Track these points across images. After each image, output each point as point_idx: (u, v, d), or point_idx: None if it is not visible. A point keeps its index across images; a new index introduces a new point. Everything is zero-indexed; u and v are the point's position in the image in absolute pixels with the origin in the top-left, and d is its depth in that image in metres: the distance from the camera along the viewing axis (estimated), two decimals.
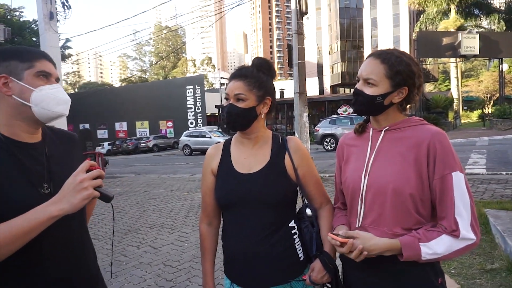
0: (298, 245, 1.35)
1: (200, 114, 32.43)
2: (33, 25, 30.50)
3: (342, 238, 1.12)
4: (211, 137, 21.88)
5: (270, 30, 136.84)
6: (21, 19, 32.96)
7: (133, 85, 51.25)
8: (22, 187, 1.03)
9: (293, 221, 1.37)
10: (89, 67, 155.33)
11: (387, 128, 1.26)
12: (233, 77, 1.36)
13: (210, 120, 35.25)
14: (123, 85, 66.95)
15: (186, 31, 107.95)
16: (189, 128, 28.62)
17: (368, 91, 1.22)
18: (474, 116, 40.56)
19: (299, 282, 1.36)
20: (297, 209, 1.44)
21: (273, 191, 1.33)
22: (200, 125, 31.07)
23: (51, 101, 1.08)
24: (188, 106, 32.65)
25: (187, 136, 22.83)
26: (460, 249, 1.11)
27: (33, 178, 1.07)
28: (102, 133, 36.12)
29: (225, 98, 1.39)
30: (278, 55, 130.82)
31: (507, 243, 3.31)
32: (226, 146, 1.47)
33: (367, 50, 49.41)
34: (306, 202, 1.42)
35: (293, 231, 1.36)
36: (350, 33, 51.24)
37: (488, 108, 28.95)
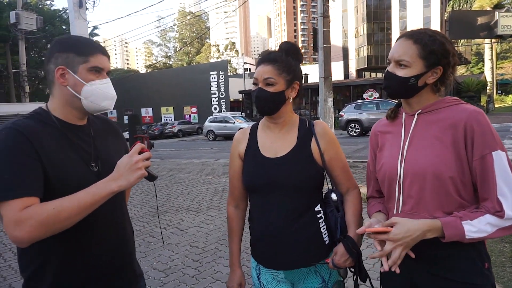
0: (323, 229, 1.37)
1: (224, 100, 32.54)
2: (63, 14, 31.34)
3: (381, 228, 1.09)
4: (234, 122, 22.01)
5: (294, 13, 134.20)
6: (51, 8, 33.85)
7: (158, 71, 51.94)
8: (76, 163, 1.15)
9: (319, 205, 1.38)
10: (115, 54, 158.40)
11: (420, 111, 1.22)
12: (262, 61, 1.37)
13: (233, 106, 35.34)
14: (148, 71, 68.00)
15: (210, 17, 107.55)
16: (213, 114, 28.85)
17: (401, 73, 1.18)
18: (509, 100, 38.58)
19: (323, 265, 1.37)
20: (324, 193, 1.45)
21: (299, 175, 1.34)
22: (223, 111, 31.22)
23: (100, 96, 1.18)
24: (212, 91, 32.81)
25: (211, 122, 23.05)
26: (506, 228, 1.08)
27: (83, 157, 1.18)
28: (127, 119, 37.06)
29: (253, 83, 1.40)
30: (303, 39, 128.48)
31: None
32: (253, 130, 1.49)
33: (395, 33, 47.66)
34: (332, 187, 1.43)
35: (318, 215, 1.37)
36: (377, 15, 49.50)
37: None
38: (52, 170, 1.07)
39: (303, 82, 1.44)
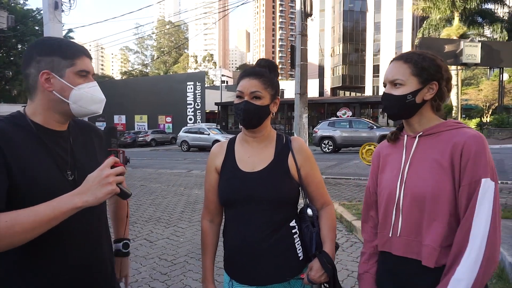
0: (298, 244, 1.37)
1: (200, 111, 32.40)
2: (36, 14, 30.40)
3: None
4: (209, 134, 21.91)
5: (273, 29, 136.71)
6: (24, 7, 32.79)
7: (134, 79, 51.17)
8: (49, 170, 1.07)
9: (294, 220, 1.39)
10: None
11: (421, 133, 1.22)
12: (247, 75, 1.36)
13: (209, 117, 35.20)
14: (123, 78, 66.76)
15: (189, 27, 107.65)
16: (188, 124, 28.58)
17: (397, 92, 1.20)
18: (472, 124, 40.71)
19: (297, 281, 1.37)
20: (298, 209, 1.46)
21: (276, 190, 1.34)
22: (199, 122, 31.05)
23: (88, 100, 1.13)
24: (188, 102, 32.61)
25: (185, 132, 22.83)
26: (482, 268, 1.03)
27: (59, 163, 1.11)
28: (100, 125, 35.82)
29: (237, 96, 1.38)
30: (280, 55, 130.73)
31: (500, 250, 3.35)
32: (231, 144, 1.48)
33: (369, 54, 49.49)
34: (308, 202, 1.44)
35: (293, 231, 1.37)
36: (353, 36, 51.32)
37: (487, 117, 29.01)
38: (21, 175, 1.00)
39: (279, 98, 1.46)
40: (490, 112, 29.26)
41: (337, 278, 1.34)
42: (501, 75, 26.35)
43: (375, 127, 17.25)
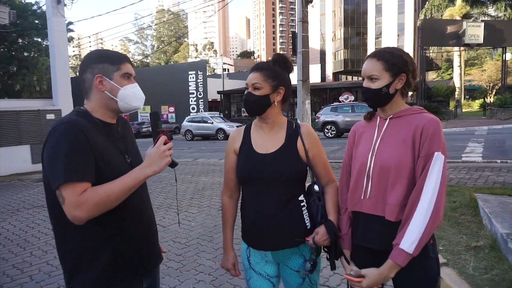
0: (306, 215, 1.59)
1: (202, 100, 32.48)
2: (35, 7, 30.32)
3: (355, 277, 1.39)
4: (213, 122, 22.07)
5: (273, 15, 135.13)
6: (24, 1, 32.63)
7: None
8: (116, 156, 1.35)
9: (302, 195, 1.60)
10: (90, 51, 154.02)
11: (391, 116, 1.48)
12: (252, 70, 1.60)
13: (211, 106, 35.32)
14: None
15: (189, 16, 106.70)
16: (191, 114, 28.74)
17: (374, 85, 1.44)
18: (475, 105, 40.52)
19: (306, 246, 1.59)
20: (307, 186, 1.66)
21: (287, 169, 1.55)
22: (201, 111, 31.15)
23: (132, 98, 1.39)
24: (190, 91, 32.69)
25: (189, 122, 23.00)
26: (430, 220, 1.30)
27: (120, 150, 1.39)
28: None
29: (245, 88, 1.62)
30: (281, 41, 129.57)
31: (492, 223, 3.57)
32: (247, 129, 1.70)
33: (371, 37, 48.99)
34: (315, 180, 1.65)
35: (302, 204, 1.59)
36: (354, 20, 50.76)
37: (490, 97, 28.93)
38: (100, 160, 1.25)
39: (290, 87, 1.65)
40: (493, 93, 29.13)
41: (338, 244, 1.55)
42: (504, 55, 26.15)
43: None
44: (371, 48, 49.10)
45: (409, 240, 1.30)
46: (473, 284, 2.74)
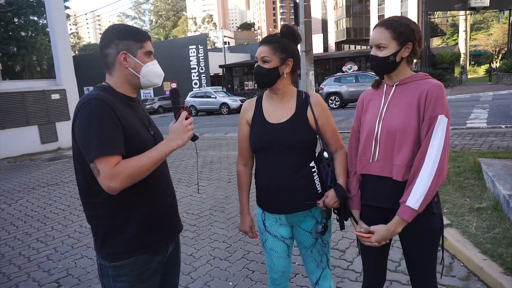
0: (317, 180, 1.68)
1: (204, 75, 32.17)
2: None
3: (365, 233, 1.52)
4: (216, 97, 22.01)
5: None
6: None
7: None
8: (142, 128, 1.43)
9: (313, 161, 1.70)
10: (87, 28, 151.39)
11: (397, 83, 1.55)
12: (261, 43, 1.66)
13: (214, 80, 35.03)
14: None
15: None
16: (194, 89, 28.59)
17: (382, 53, 1.50)
18: (481, 71, 39.83)
19: (317, 209, 1.70)
20: (317, 153, 1.75)
21: (298, 137, 1.64)
22: (204, 86, 30.95)
23: (153, 75, 1.45)
24: (192, 66, 32.34)
25: (192, 97, 22.92)
26: (434, 177, 1.39)
27: (144, 122, 1.47)
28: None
29: (255, 61, 1.68)
30: (281, 11, 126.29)
31: (495, 185, 3.68)
32: (259, 100, 1.77)
33: (373, 4, 47.59)
34: (324, 147, 1.74)
35: (313, 170, 1.68)
36: None
37: (496, 62, 28.41)
38: (129, 132, 1.33)
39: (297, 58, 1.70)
40: (499, 58, 28.56)
41: (347, 206, 1.66)
42: (510, 17, 25.45)
43: None
44: (374, 16, 47.83)
45: (415, 198, 1.41)
46: (476, 243, 2.88)
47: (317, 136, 1.71)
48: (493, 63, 28.47)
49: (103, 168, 1.23)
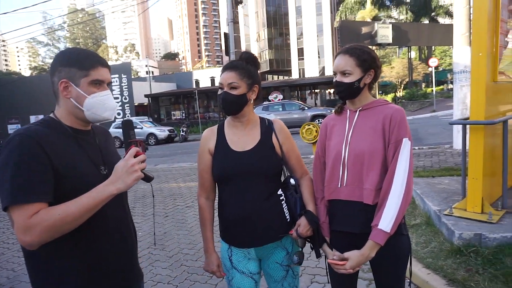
0: (285, 208, 1.62)
1: (128, 104, 30.78)
2: None
3: (339, 260, 1.47)
4: (142, 127, 21.14)
5: (196, 16, 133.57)
6: None
7: (41, 76, 46.57)
8: (89, 167, 1.21)
9: (280, 189, 1.64)
10: None
11: (360, 108, 1.59)
12: (225, 69, 1.59)
13: (138, 110, 33.69)
14: (34, 74, 60.50)
15: (106, 16, 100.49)
16: (117, 120, 27.13)
17: (347, 79, 1.54)
18: (388, 99, 44.78)
19: (287, 239, 1.63)
20: (283, 180, 1.70)
21: (265, 165, 1.58)
22: (128, 116, 29.58)
23: (101, 107, 1.24)
24: (115, 96, 30.62)
25: (116, 128, 21.65)
26: (403, 199, 1.43)
27: (94, 160, 1.24)
28: (14, 128, 32.40)
29: (219, 87, 1.60)
30: (205, 42, 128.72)
31: (425, 202, 4.00)
32: (220, 129, 1.68)
33: (293, 38, 51.17)
34: (289, 174, 1.69)
35: (281, 198, 1.62)
36: (276, 21, 52.54)
37: (400, 91, 32.17)
38: (65, 173, 1.11)
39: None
40: (402, 87, 32.41)
41: (320, 232, 1.61)
42: (409, 53, 29.29)
43: (306, 108, 18.21)
44: (294, 48, 51.34)
45: (386, 220, 1.42)
46: (418, 257, 3.05)
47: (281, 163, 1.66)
48: (397, 92, 32.14)
49: (16, 218, 1.03)
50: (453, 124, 5.19)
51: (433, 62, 21.40)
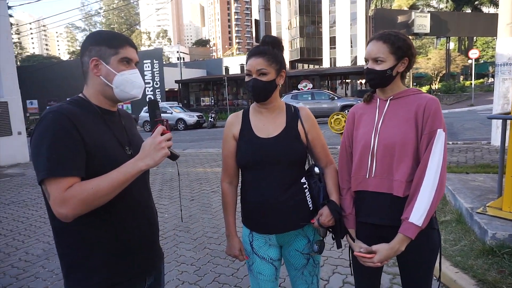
0: (308, 197, 1.59)
1: (159, 90, 31.40)
2: None
3: (366, 253, 1.44)
4: (172, 112, 21.50)
5: (228, 3, 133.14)
6: None
7: None
8: (116, 147, 1.25)
9: (304, 177, 1.61)
10: (32, 38, 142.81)
11: (392, 97, 1.52)
12: (253, 55, 1.55)
13: (169, 96, 34.33)
14: (72, 58, 62.82)
15: (140, 2, 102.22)
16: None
17: (379, 67, 1.47)
18: (423, 91, 42.96)
19: (309, 227, 1.61)
20: (307, 168, 1.67)
21: (289, 152, 1.55)
22: (159, 101, 30.21)
23: (129, 85, 1.27)
24: (146, 81, 31.36)
25: (146, 112, 22.09)
26: (436, 192, 1.36)
27: (120, 141, 1.28)
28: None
29: (246, 74, 1.57)
30: (236, 29, 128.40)
31: (457, 199, 3.84)
32: (245, 114, 1.66)
33: (325, 26, 50.01)
34: (314, 162, 1.66)
35: (304, 186, 1.59)
36: (309, 8, 51.46)
37: (435, 84, 30.80)
38: (95, 151, 1.15)
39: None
40: (438, 80, 31.05)
41: (343, 223, 1.58)
42: (447, 44, 27.90)
43: (336, 97, 17.86)
44: (326, 37, 50.19)
45: (418, 214, 1.36)
46: (446, 255, 2.94)
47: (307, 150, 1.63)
48: (433, 85, 30.81)
49: (52, 191, 1.06)
50: (492, 119, 4.92)
51: (474, 53, 20.27)
